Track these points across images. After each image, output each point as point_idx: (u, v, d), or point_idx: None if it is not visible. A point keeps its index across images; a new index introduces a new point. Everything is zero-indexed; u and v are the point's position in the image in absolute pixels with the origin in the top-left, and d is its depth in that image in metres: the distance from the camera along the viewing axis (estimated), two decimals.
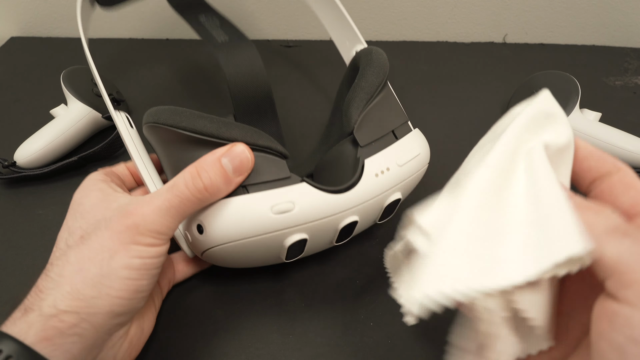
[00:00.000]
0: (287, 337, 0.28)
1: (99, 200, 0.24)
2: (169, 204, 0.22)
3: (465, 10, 0.58)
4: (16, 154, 0.38)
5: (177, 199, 0.22)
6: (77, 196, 0.25)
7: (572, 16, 0.59)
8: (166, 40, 0.60)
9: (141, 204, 0.22)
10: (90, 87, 0.43)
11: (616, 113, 0.46)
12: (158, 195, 0.22)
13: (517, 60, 0.57)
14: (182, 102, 0.49)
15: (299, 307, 0.30)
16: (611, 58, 0.57)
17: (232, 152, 0.23)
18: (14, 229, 0.35)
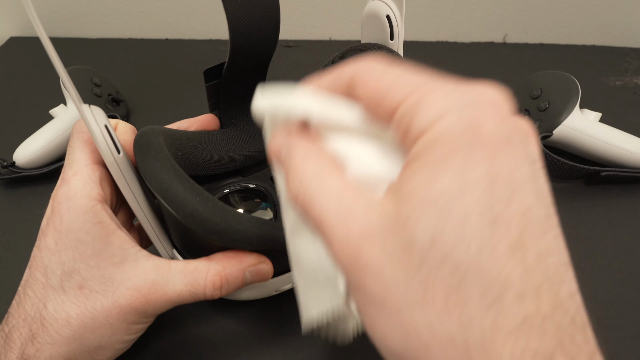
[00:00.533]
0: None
1: (102, 245, 0.21)
2: (181, 299, 0.22)
3: (465, 10, 0.58)
4: (15, 154, 0.38)
5: (191, 297, 0.23)
6: (72, 223, 0.21)
7: (572, 16, 0.59)
8: (166, 40, 0.59)
9: (155, 289, 0.22)
10: (90, 87, 0.43)
11: (616, 113, 0.46)
12: (173, 285, 0.22)
13: (517, 60, 0.57)
14: (182, 102, 0.49)
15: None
16: (611, 58, 0.57)
17: (259, 271, 0.24)
18: (13, 229, 0.35)
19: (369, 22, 0.29)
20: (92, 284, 0.21)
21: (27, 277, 0.21)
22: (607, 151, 0.39)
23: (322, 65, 0.29)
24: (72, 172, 0.22)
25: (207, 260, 0.23)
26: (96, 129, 0.21)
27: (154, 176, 0.21)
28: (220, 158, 0.26)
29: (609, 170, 0.38)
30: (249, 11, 0.22)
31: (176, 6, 0.58)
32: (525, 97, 0.45)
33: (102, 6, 0.57)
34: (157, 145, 0.22)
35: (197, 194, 0.21)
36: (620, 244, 0.35)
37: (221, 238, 0.22)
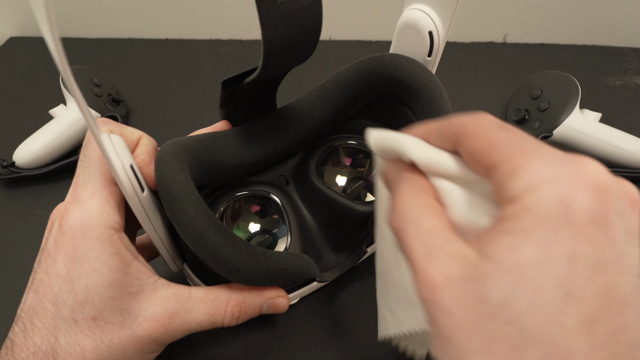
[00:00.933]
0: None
1: (119, 276, 0.20)
2: (200, 328, 0.23)
3: (465, 10, 0.58)
4: (15, 154, 0.38)
5: (210, 325, 0.23)
6: (87, 253, 0.20)
7: (572, 16, 0.59)
8: (166, 40, 0.59)
9: (175, 318, 0.21)
10: (90, 87, 0.43)
11: (616, 113, 0.46)
12: (193, 315, 0.22)
13: (517, 60, 0.57)
14: (182, 101, 0.49)
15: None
16: (611, 58, 0.57)
17: (277, 304, 0.24)
18: (13, 229, 0.35)
19: (406, 32, 0.27)
20: (107, 315, 0.20)
21: (34, 304, 0.20)
22: (607, 151, 0.39)
23: (347, 64, 0.28)
24: (87, 193, 0.21)
25: (228, 290, 0.23)
26: (122, 172, 0.19)
27: (185, 224, 0.20)
28: (236, 164, 0.26)
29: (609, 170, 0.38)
30: (289, 39, 0.20)
31: (176, 6, 0.58)
32: (525, 97, 0.45)
33: (102, 6, 0.57)
34: (186, 185, 0.20)
35: (230, 242, 0.21)
36: None
37: (250, 283, 0.23)
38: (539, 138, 0.39)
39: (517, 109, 0.44)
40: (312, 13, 0.20)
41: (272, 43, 0.20)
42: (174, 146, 0.22)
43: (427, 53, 0.27)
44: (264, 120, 0.27)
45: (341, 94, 0.28)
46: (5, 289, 0.31)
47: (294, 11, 0.19)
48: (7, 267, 0.32)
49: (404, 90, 0.27)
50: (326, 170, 0.31)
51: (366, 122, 0.32)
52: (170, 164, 0.21)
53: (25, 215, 0.36)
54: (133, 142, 0.23)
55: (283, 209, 0.29)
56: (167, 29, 0.60)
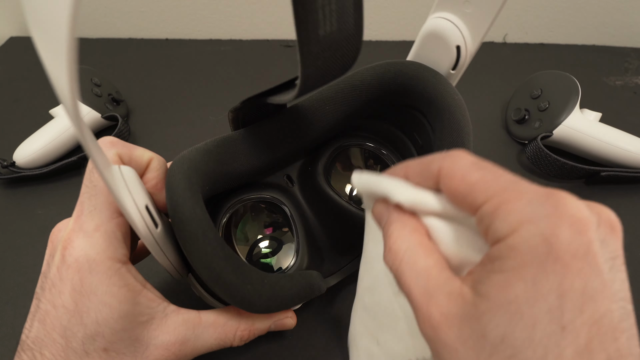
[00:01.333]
0: None
1: (128, 307, 0.20)
2: (208, 351, 0.23)
3: None
4: (15, 153, 0.38)
5: (218, 348, 0.23)
6: (96, 287, 0.19)
7: (572, 16, 0.59)
8: (166, 40, 0.59)
9: (186, 345, 0.22)
10: (90, 87, 0.43)
11: (616, 113, 0.46)
12: (203, 341, 0.22)
13: (517, 60, 0.57)
14: (182, 101, 0.49)
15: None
16: (611, 58, 0.57)
17: (284, 324, 0.25)
18: (13, 229, 0.35)
19: (431, 42, 0.26)
20: (118, 346, 0.20)
21: (42, 335, 0.20)
22: (607, 151, 0.39)
23: (363, 65, 0.26)
24: (94, 224, 0.20)
25: (238, 314, 0.24)
26: (136, 215, 0.19)
27: (203, 265, 0.20)
28: (245, 171, 0.25)
29: (609, 170, 0.38)
30: (327, 70, 0.19)
31: (176, 6, 0.58)
32: (525, 97, 0.45)
33: (102, 6, 0.57)
34: (203, 222, 0.20)
35: (247, 280, 0.21)
36: None
37: (263, 312, 0.23)
38: (539, 138, 0.39)
39: (517, 108, 0.44)
40: (353, 43, 0.19)
41: (309, 76, 0.19)
42: (185, 169, 0.21)
43: (452, 66, 0.26)
44: (274, 122, 0.25)
45: (356, 98, 0.27)
46: (6, 288, 0.31)
47: (336, 43, 0.18)
48: (7, 267, 0.32)
49: (424, 103, 0.26)
50: (333, 172, 0.30)
51: (378, 123, 0.31)
52: (185, 196, 0.20)
53: (26, 215, 0.36)
54: (143, 166, 0.22)
55: (289, 213, 0.29)
56: (167, 29, 0.60)
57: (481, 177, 0.14)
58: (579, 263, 0.12)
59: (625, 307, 0.13)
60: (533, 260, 0.12)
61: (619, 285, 0.13)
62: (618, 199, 0.39)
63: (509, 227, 0.13)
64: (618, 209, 0.41)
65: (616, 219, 0.14)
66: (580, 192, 0.39)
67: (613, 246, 0.14)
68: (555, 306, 0.12)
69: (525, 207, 0.13)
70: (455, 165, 0.15)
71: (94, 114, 0.41)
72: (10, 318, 0.29)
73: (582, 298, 0.12)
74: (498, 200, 0.14)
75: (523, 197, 0.13)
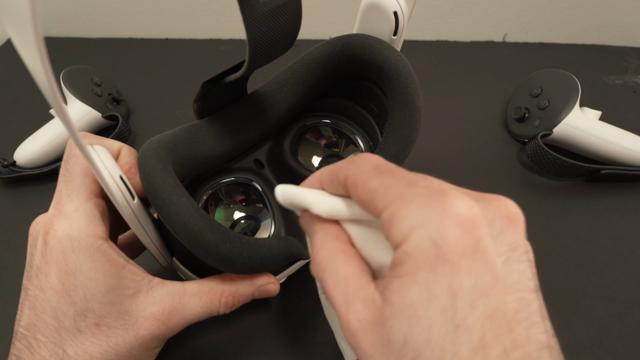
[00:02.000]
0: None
1: (114, 281, 0.21)
2: (197, 319, 0.23)
3: (465, 10, 0.58)
4: (16, 153, 0.38)
5: (206, 316, 0.23)
6: (80, 264, 0.20)
7: (572, 15, 0.59)
8: (166, 40, 0.60)
9: (174, 314, 0.22)
10: (90, 86, 0.43)
11: (616, 112, 0.46)
12: (190, 310, 0.23)
13: (517, 60, 0.57)
14: (182, 101, 0.49)
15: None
16: (611, 57, 0.57)
17: (268, 290, 0.25)
18: (13, 229, 0.35)
19: (371, 13, 0.27)
20: (108, 320, 0.21)
21: (33, 320, 0.20)
22: (607, 149, 0.39)
23: (313, 49, 0.28)
24: (72, 206, 0.21)
25: (221, 282, 0.24)
26: (112, 184, 0.20)
27: (181, 227, 0.20)
28: (214, 154, 0.26)
29: (608, 168, 0.38)
30: (273, 37, 0.21)
31: (176, 6, 0.58)
32: (525, 96, 0.45)
33: (102, 6, 0.58)
34: (175, 188, 0.21)
35: (225, 238, 0.21)
36: (619, 242, 0.35)
37: (245, 273, 0.24)
38: (540, 136, 0.39)
39: (517, 107, 0.44)
40: (293, 8, 0.20)
41: (257, 42, 0.20)
42: (154, 147, 0.22)
43: (393, 32, 0.27)
44: (236, 108, 0.27)
45: (310, 76, 0.28)
46: (7, 288, 0.31)
47: (275, 9, 0.19)
48: (7, 267, 0.32)
49: (373, 70, 0.27)
50: (300, 150, 0.31)
51: (337, 100, 0.32)
52: (156, 167, 0.21)
53: (26, 215, 0.36)
54: (114, 154, 0.23)
55: (263, 193, 0.30)
56: (167, 29, 0.60)
57: (380, 183, 0.15)
58: (468, 261, 0.13)
59: (524, 297, 0.13)
60: (424, 263, 0.13)
61: (517, 277, 0.13)
62: (618, 197, 0.39)
63: (403, 233, 0.14)
64: (618, 206, 0.41)
65: (516, 210, 0.15)
66: (580, 190, 0.39)
67: (511, 238, 0.14)
68: (447, 306, 0.12)
69: (415, 213, 0.14)
70: (357, 173, 0.16)
71: (95, 114, 0.41)
72: (10, 317, 0.29)
73: (473, 295, 0.12)
74: (393, 208, 0.14)
75: (414, 202, 0.14)
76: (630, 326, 0.30)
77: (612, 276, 0.33)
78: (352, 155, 0.17)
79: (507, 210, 0.14)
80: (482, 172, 0.40)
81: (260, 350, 0.28)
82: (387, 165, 0.16)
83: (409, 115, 0.26)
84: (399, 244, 0.14)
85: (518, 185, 0.39)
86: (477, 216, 0.13)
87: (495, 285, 0.13)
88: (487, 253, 0.13)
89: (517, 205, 0.15)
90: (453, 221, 0.13)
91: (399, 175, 0.15)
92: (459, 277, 0.13)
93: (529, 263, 0.14)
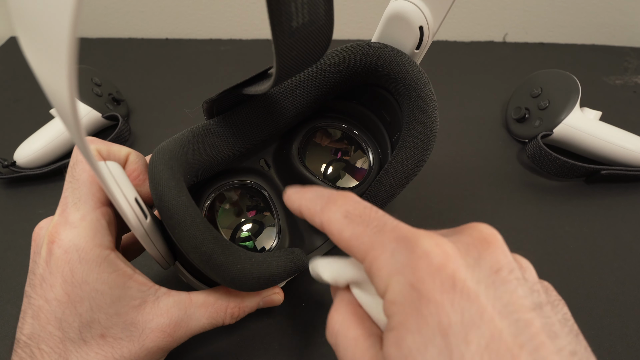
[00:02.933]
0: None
1: (120, 292, 0.21)
2: (202, 330, 0.23)
3: (465, 10, 0.58)
4: (16, 153, 0.38)
5: (211, 327, 0.24)
6: (86, 275, 0.20)
7: (572, 16, 0.59)
8: (166, 40, 0.60)
9: (180, 326, 0.22)
10: (90, 87, 0.43)
11: (616, 112, 0.46)
12: (196, 321, 0.23)
13: (517, 60, 0.57)
14: (182, 101, 0.49)
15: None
16: (611, 57, 0.57)
17: (272, 300, 0.26)
18: (14, 228, 0.35)
19: (395, 23, 0.26)
20: (114, 331, 0.20)
21: (37, 330, 0.20)
22: (607, 149, 0.39)
23: (331, 53, 0.27)
24: (79, 215, 0.20)
25: (227, 293, 0.24)
26: (127, 207, 0.19)
27: (194, 249, 0.20)
28: (222, 158, 0.26)
29: (609, 168, 0.38)
30: (301, 59, 0.20)
31: (176, 6, 0.58)
32: (525, 96, 0.45)
33: (102, 6, 0.58)
34: (189, 209, 0.21)
35: (237, 260, 0.21)
36: (620, 242, 0.35)
37: (253, 290, 0.23)
38: (540, 136, 0.39)
39: (518, 107, 0.44)
40: (325, 32, 0.20)
41: (285, 65, 0.20)
42: (166, 160, 0.22)
43: (416, 46, 0.27)
44: (246, 109, 0.26)
45: (325, 81, 0.27)
46: (6, 288, 0.31)
47: (308, 34, 0.19)
48: (7, 267, 0.32)
49: (391, 82, 0.27)
50: (307, 153, 0.31)
51: (347, 104, 0.32)
52: (170, 185, 0.21)
53: (26, 215, 0.36)
54: (122, 160, 0.23)
55: (268, 196, 0.30)
56: (167, 29, 0.60)
57: (352, 234, 0.15)
58: (449, 296, 0.13)
59: (520, 318, 0.13)
60: (410, 308, 0.13)
61: (507, 299, 0.13)
62: (618, 197, 0.39)
63: (384, 283, 0.14)
64: (618, 207, 0.41)
65: (490, 232, 0.14)
66: (581, 190, 0.39)
67: (491, 261, 0.14)
68: (442, 346, 0.12)
69: (389, 261, 0.14)
70: (330, 221, 0.16)
71: (95, 114, 0.41)
72: (11, 317, 0.29)
73: (464, 329, 0.12)
74: (369, 259, 0.14)
75: (386, 250, 0.14)
76: (630, 326, 0.30)
77: (612, 276, 0.33)
78: (325, 190, 0.17)
79: (480, 235, 0.14)
80: (482, 172, 0.40)
81: (260, 352, 0.28)
82: (356, 210, 0.16)
83: (424, 135, 0.26)
84: (383, 295, 0.14)
85: (518, 185, 0.39)
86: (447, 251, 0.13)
87: (483, 313, 0.12)
88: (466, 283, 0.13)
89: (491, 227, 0.15)
90: (424, 261, 0.13)
91: (367, 221, 0.15)
92: (445, 314, 0.12)
93: (519, 281, 0.14)
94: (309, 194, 0.18)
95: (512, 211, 0.37)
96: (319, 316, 0.30)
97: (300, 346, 0.28)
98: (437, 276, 0.13)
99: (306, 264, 0.25)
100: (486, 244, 0.14)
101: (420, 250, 0.13)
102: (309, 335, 0.29)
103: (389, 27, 0.27)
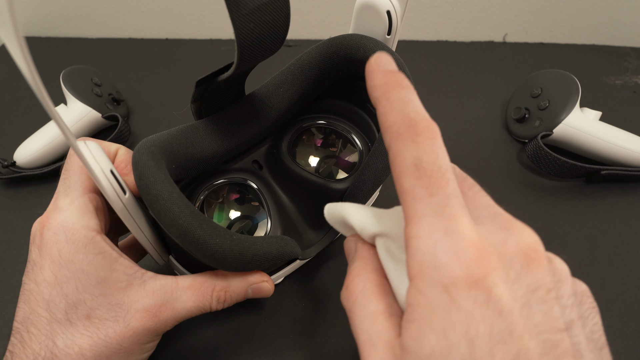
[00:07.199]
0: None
1: (106, 273, 0.21)
2: (190, 314, 0.23)
3: (465, 10, 0.58)
4: (16, 153, 0.38)
5: (198, 311, 0.23)
6: (73, 255, 0.20)
7: (572, 16, 0.59)
8: (166, 40, 0.60)
9: (165, 307, 0.22)
10: (90, 87, 0.43)
11: (616, 112, 0.46)
12: (182, 303, 0.23)
13: (517, 60, 0.57)
14: (182, 101, 0.48)
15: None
16: (611, 57, 0.57)
17: (261, 289, 0.25)
18: (14, 229, 0.35)
19: (365, 13, 0.28)
20: (100, 312, 0.21)
21: (27, 313, 0.20)
22: (607, 150, 0.39)
23: (308, 51, 0.28)
24: (68, 200, 0.21)
25: (213, 277, 0.24)
26: (102, 177, 0.20)
27: (171, 222, 0.20)
28: (210, 154, 0.26)
29: (609, 168, 0.38)
30: (261, 34, 0.21)
31: (176, 6, 0.58)
32: (525, 96, 0.45)
33: (102, 6, 0.58)
34: (166, 184, 0.21)
35: (215, 234, 0.21)
36: (620, 242, 0.35)
37: (237, 270, 0.23)
38: (540, 136, 0.39)
39: (517, 107, 0.44)
40: (280, 5, 0.20)
41: (245, 39, 0.20)
42: (148, 145, 0.22)
43: (387, 32, 0.28)
44: (233, 109, 0.27)
45: (306, 77, 0.28)
46: (6, 289, 0.31)
47: (262, 6, 0.20)
48: (7, 267, 0.32)
49: None
50: (298, 151, 0.32)
51: (334, 101, 0.33)
52: (148, 164, 0.21)
53: (26, 215, 0.36)
54: (111, 154, 0.23)
55: (260, 194, 0.30)
56: (167, 29, 0.60)
57: (411, 188, 0.14)
58: (481, 310, 0.12)
59: (549, 339, 0.13)
60: (438, 309, 0.13)
61: (539, 319, 0.13)
62: (618, 198, 0.39)
63: (416, 268, 0.13)
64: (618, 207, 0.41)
65: (536, 247, 0.14)
66: (581, 190, 0.39)
67: (531, 279, 0.13)
68: (466, 355, 0.12)
69: (430, 250, 0.13)
70: (396, 156, 0.15)
71: (95, 114, 0.41)
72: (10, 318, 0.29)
73: (491, 342, 0.12)
74: (412, 232, 0.14)
75: (433, 236, 0.13)
76: (630, 326, 0.30)
77: (612, 276, 0.33)
78: (412, 109, 0.16)
79: (527, 247, 0.14)
80: (482, 172, 0.40)
81: (260, 352, 0.28)
82: (427, 165, 0.14)
83: None
84: (412, 277, 0.14)
85: (518, 185, 0.39)
86: (488, 265, 0.13)
87: (513, 331, 0.12)
88: (501, 301, 0.13)
89: (536, 234, 0.15)
90: (464, 269, 0.13)
91: (432, 188, 0.14)
92: (474, 325, 0.12)
93: (555, 301, 0.13)
94: (397, 102, 0.15)
95: (512, 211, 0.37)
96: (319, 316, 0.30)
97: (300, 346, 0.28)
98: (473, 288, 0.13)
99: (297, 253, 0.25)
100: (530, 260, 0.14)
101: (463, 256, 0.13)
102: (309, 335, 0.29)
103: (360, 18, 0.29)
